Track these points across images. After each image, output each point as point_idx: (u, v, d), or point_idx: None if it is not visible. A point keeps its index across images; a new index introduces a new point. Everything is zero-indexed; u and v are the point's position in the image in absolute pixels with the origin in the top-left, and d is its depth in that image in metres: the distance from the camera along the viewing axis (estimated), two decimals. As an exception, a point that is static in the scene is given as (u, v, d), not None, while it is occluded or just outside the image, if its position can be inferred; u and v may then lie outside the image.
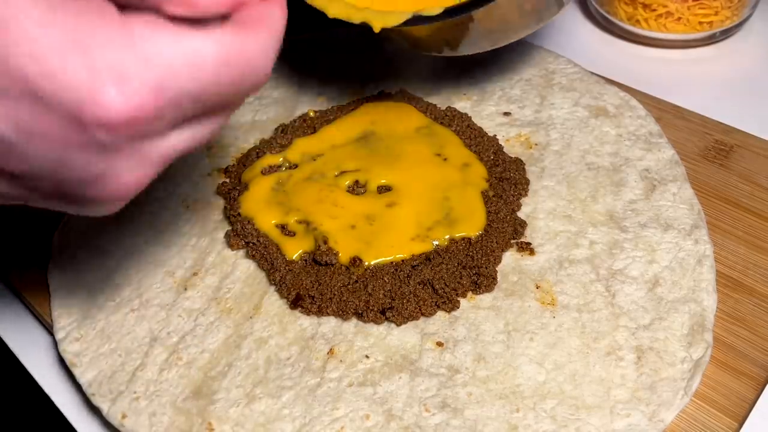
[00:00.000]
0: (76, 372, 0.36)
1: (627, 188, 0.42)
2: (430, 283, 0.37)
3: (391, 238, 0.39)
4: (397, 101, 0.48)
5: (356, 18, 0.39)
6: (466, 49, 0.45)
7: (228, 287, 0.39)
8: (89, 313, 0.39)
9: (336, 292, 0.37)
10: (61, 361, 0.38)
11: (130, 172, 0.23)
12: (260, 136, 0.48)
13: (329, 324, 0.37)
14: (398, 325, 0.37)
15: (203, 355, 0.36)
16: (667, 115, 0.48)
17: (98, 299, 0.39)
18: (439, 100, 0.49)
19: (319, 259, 0.38)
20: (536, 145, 0.46)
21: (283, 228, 0.41)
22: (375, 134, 0.45)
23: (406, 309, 0.36)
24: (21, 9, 0.20)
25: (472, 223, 0.40)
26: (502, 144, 0.46)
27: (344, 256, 0.38)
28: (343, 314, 0.37)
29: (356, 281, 0.38)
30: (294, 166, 0.44)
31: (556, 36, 0.58)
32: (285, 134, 0.47)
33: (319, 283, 0.38)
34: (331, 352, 0.36)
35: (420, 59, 0.54)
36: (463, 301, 0.37)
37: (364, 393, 0.34)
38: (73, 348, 0.37)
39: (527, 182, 0.43)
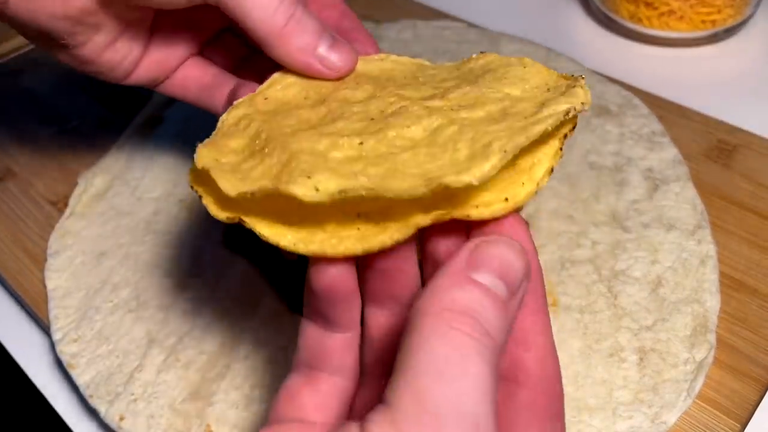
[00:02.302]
0: (74, 373, 0.36)
1: (629, 188, 0.42)
2: (430, 283, 0.37)
3: None
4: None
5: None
6: None
7: (226, 288, 0.39)
8: (87, 314, 0.38)
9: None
10: (59, 363, 0.38)
11: None
12: (259, 135, 0.48)
13: (329, 325, 0.37)
14: (398, 326, 0.36)
15: (201, 357, 0.36)
16: (670, 115, 0.48)
17: (96, 300, 0.39)
18: (440, 99, 0.49)
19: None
20: (537, 144, 0.46)
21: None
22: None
23: (407, 310, 0.36)
24: None
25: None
26: (503, 143, 0.45)
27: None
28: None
29: (356, 282, 0.37)
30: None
31: (557, 34, 0.58)
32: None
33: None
34: (330, 353, 0.36)
35: (420, 58, 0.53)
36: (463, 302, 0.37)
37: (364, 395, 0.34)
38: (70, 349, 0.37)
39: (528, 182, 0.43)
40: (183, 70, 0.37)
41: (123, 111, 0.52)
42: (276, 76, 0.30)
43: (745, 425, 0.32)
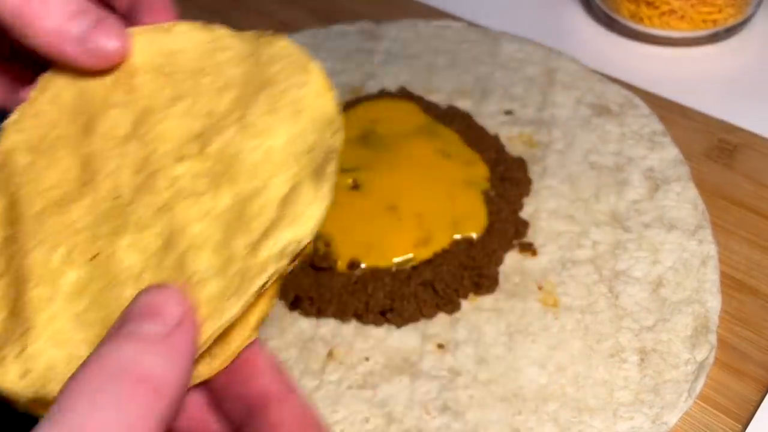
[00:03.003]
0: (73, 374, 0.36)
1: (630, 188, 0.42)
2: (430, 284, 0.37)
3: (392, 242, 0.38)
4: (397, 100, 0.48)
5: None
6: None
7: (227, 288, 0.39)
8: (87, 314, 0.38)
9: (335, 294, 0.37)
10: (59, 363, 0.37)
11: None
12: (260, 135, 0.48)
13: (328, 326, 0.37)
14: (398, 326, 0.36)
15: (201, 357, 0.36)
16: (671, 114, 0.48)
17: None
18: (440, 99, 0.49)
19: (318, 263, 0.38)
20: (538, 144, 0.45)
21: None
22: (375, 133, 0.45)
23: (407, 310, 0.36)
24: None
25: (473, 224, 0.39)
26: (504, 143, 0.45)
27: (343, 261, 0.38)
28: (342, 316, 0.37)
29: (356, 282, 0.37)
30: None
31: (558, 33, 0.58)
32: (284, 133, 0.46)
33: (318, 285, 0.37)
34: (330, 354, 0.35)
35: (420, 57, 0.53)
36: (464, 303, 0.37)
37: (364, 395, 0.34)
38: (70, 349, 0.37)
39: (529, 182, 0.43)
40: None
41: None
42: (46, 76, 0.25)
43: (746, 425, 0.32)
